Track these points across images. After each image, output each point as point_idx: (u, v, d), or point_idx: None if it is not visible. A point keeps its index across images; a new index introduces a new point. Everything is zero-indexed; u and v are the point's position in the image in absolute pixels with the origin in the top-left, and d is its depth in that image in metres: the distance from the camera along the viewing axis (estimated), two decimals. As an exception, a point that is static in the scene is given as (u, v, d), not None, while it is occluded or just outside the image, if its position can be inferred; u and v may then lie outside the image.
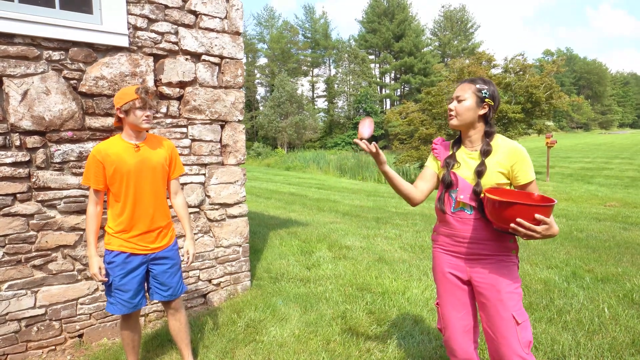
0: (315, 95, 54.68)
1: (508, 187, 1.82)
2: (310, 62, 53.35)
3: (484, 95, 1.82)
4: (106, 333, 3.11)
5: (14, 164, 2.66)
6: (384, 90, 53.21)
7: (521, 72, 19.44)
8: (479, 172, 1.79)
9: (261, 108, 45.76)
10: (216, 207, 3.59)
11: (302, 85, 50.78)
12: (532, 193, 1.73)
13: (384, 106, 52.48)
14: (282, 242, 5.41)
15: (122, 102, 2.24)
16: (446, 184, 1.89)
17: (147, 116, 2.28)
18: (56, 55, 2.76)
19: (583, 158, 26.42)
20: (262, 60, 51.03)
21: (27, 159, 2.70)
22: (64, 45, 2.79)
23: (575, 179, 18.92)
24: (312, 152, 35.39)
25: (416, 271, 4.18)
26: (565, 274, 3.97)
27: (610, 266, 4.21)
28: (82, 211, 2.92)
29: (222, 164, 3.59)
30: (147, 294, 2.51)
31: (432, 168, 2.02)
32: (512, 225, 1.57)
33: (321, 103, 54.03)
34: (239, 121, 3.66)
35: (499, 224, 1.65)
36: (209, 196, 3.53)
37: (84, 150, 2.91)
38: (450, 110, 1.87)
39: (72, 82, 2.84)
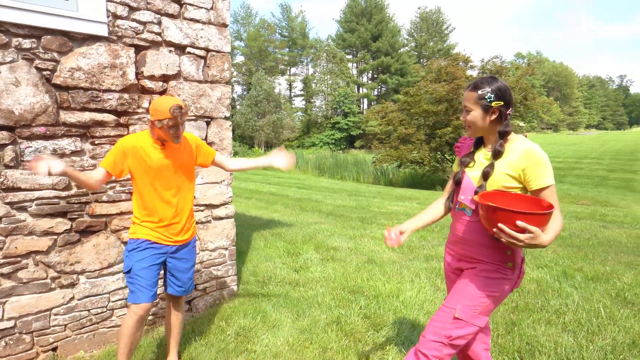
0: (292, 94, 54.43)
1: (519, 192, 1.69)
2: (288, 61, 53.04)
3: (488, 100, 1.70)
4: (83, 345, 2.88)
5: (-21, 163, 2.42)
6: (361, 89, 53.42)
7: (497, 74, 19.76)
8: (485, 174, 1.71)
9: (238, 107, 45.15)
10: (201, 208, 3.39)
11: (280, 84, 50.48)
12: (541, 200, 1.61)
13: (362, 106, 52.70)
14: (267, 244, 5.24)
15: (155, 117, 2.25)
16: (455, 181, 1.85)
17: (177, 133, 2.29)
18: (27, 44, 2.52)
19: (555, 158, 27.14)
20: (239, 59, 50.41)
21: (-6, 156, 2.45)
22: (36, 32, 2.55)
23: (549, 178, 19.35)
24: (289, 151, 35.08)
25: (407, 272, 4.09)
26: (556, 273, 3.95)
27: (598, 265, 4.22)
28: (55, 214, 2.69)
29: (207, 162, 3.40)
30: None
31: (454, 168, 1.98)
32: (494, 229, 1.51)
33: (299, 102, 53.82)
34: (226, 118, 3.48)
35: (487, 228, 1.59)
36: (194, 197, 3.33)
37: (58, 147, 2.68)
38: (464, 121, 1.80)
39: (45, 73, 2.60)
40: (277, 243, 5.26)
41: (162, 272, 2.50)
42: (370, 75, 54.53)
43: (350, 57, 53.27)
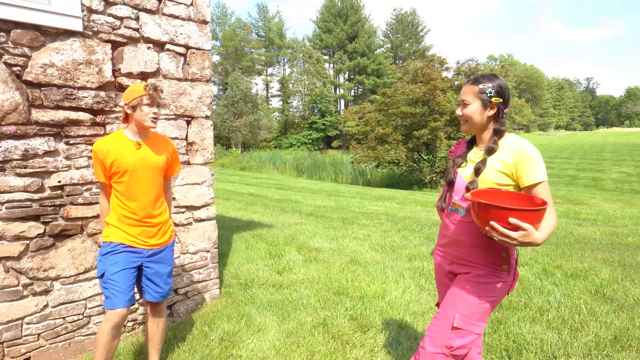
0: (269, 94, 54.09)
1: (512, 189, 1.67)
2: (265, 61, 52.67)
3: (488, 95, 1.68)
4: (58, 355, 2.74)
5: (-56, 164, 2.26)
6: (338, 90, 53.54)
7: (472, 76, 20.15)
8: (477, 169, 1.68)
9: (214, 107, 44.55)
10: (182, 210, 3.29)
11: (256, 84, 50.03)
12: (534, 197, 1.59)
13: (339, 106, 52.83)
14: (248, 246, 5.15)
15: (130, 98, 2.23)
16: (448, 182, 1.83)
17: (154, 113, 2.27)
18: (-5, 38, 2.38)
19: (527, 158, 27.82)
20: (215, 58, 49.73)
21: (-41, 157, 2.30)
22: (5, 25, 2.41)
23: (522, 178, 19.84)
24: (267, 152, 34.94)
25: (391, 273, 4.08)
26: (536, 271, 4.01)
27: (576, 261, 4.32)
28: (27, 217, 2.54)
29: (188, 163, 3.30)
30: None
31: None
32: (486, 228, 1.48)
33: (276, 103, 53.53)
34: (207, 117, 3.38)
35: (480, 227, 1.55)
36: (174, 198, 3.23)
37: (30, 147, 2.54)
38: (460, 115, 1.76)
39: (15, 69, 2.46)
40: (259, 245, 5.17)
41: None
42: (347, 76, 54.73)
43: (327, 57, 53.33)
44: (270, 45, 52.03)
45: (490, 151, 1.69)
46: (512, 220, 1.42)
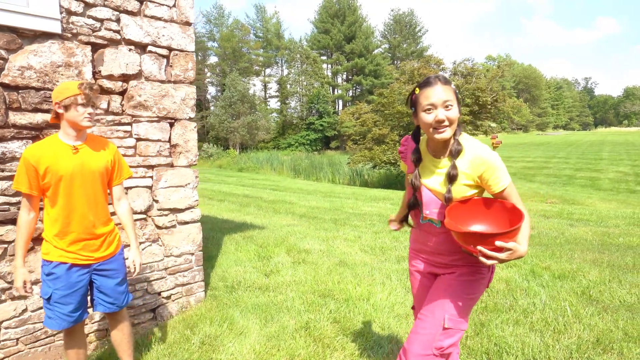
0: (267, 95, 54.03)
1: (477, 196, 1.68)
2: (262, 61, 52.60)
3: (458, 94, 1.65)
4: None
5: None
6: (336, 90, 53.54)
7: (469, 76, 20.14)
8: (451, 177, 1.61)
9: (212, 108, 44.52)
10: (165, 212, 3.27)
11: (254, 85, 49.99)
12: (504, 202, 1.61)
13: (337, 107, 52.82)
14: (238, 248, 5.13)
15: (62, 97, 2.06)
16: (410, 207, 1.79)
17: (89, 114, 2.11)
18: (-29, 40, 2.36)
19: (524, 157, 27.89)
20: (213, 59, 49.72)
21: None
22: (-19, 28, 2.39)
23: (519, 178, 19.89)
24: (265, 152, 34.90)
25: (379, 275, 4.07)
26: (524, 272, 4.00)
27: (565, 263, 4.31)
28: (5, 221, 2.52)
29: (171, 165, 3.28)
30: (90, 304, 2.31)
31: (402, 168, 1.96)
32: (470, 248, 1.50)
33: (274, 103, 53.46)
34: (190, 119, 3.36)
35: (462, 245, 1.57)
36: (157, 201, 3.21)
37: (7, 150, 2.52)
38: (442, 121, 1.57)
39: (-9, 71, 2.44)
40: (248, 246, 5.15)
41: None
42: (344, 76, 54.73)
43: (324, 58, 53.31)
44: (268, 46, 52.00)
45: (457, 153, 1.62)
46: (498, 243, 1.43)
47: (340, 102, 54.31)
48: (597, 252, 4.77)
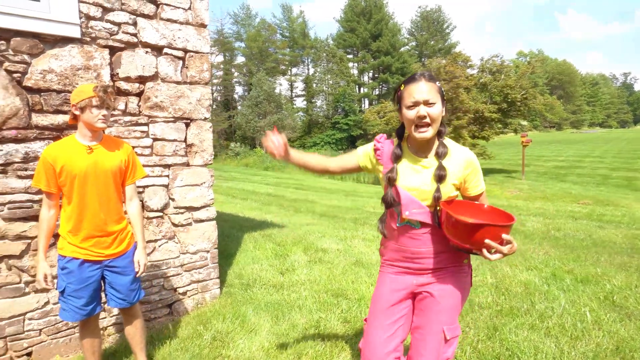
0: (293, 94, 54.34)
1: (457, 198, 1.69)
2: (289, 61, 52.95)
3: (443, 93, 1.63)
4: (59, 350, 2.84)
5: (-53, 167, 2.38)
6: (362, 89, 53.30)
7: (497, 73, 19.67)
8: (440, 177, 1.58)
9: (239, 107, 45.16)
10: (181, 210, 3.35)
11: (281, 84, 50.42)
12: (481, 204, 1.65)
13: (362, 105, 52.58)
14: (256, 246, 5.19)
15: (78, 99, 2.16)
16: (388, 204, 1.67)
17: (103, 115, 2.20)
18: (-4, 46, 2.49)
19: (556, 156, 27.00)
20: (240, 59, 50.40)
21: (-38, 160, 2.42)
22: (5, 34, 2.51)
23: (550, 177, 19.29)
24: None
25: (394, 275, 4.03)
26: (545, 275, 3.88)
27: (589, 266, 4.15)
28: (29, 217, 2.65)
29: (187, 164, 3.36)
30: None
31: (358, 161, 1.79)
32: (485, 243, 1.44)
33: (300, 102, 53.71)
34: (205, 119, 3.43)
35: (462, 244, 1.51)
36: (173, 199, 3.29)
37: (30, 150, 2.64)
38: (423, 117, 1.53)
39: (15, 75, 2.56)
40: (266, 244, 5.21)
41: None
42: (370, 74, 54.40)
43: (350, 56, 53.14)
44: (294, 45, 52.27)
45: (443, 155, 1.60)
46: (505, 236, 1.43)
47: (366, 101, 54.02)
48: (626, 256, 4.57)
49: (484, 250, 1.45)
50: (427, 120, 1.55)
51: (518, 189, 15.97)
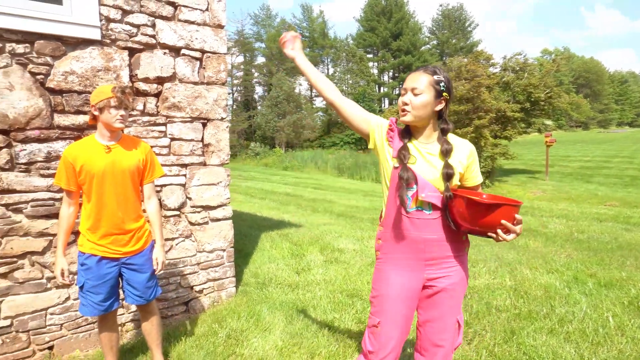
0: (313, 94, 54.41)
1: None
2: (309, 60, 52.99)
3: (442, 88, 1.63)
4: (79, 344, 2.91)
5: (-26, 165, 2.47)
6: (382, 88, 53.00)
7: (520, 71, 19.26)
8: (448, 175, 1.61)
9: (259, 107, 45.49)
10: (198, 209, 3.39)
11: (300, 84, 50.50)
12: (482, 193, 1.69)
13: (382, 105, 52.27)
14: (273, 245, 5.22)
15: (97, 100, 2.21)
16: (406, 180, 1.62)
17: (121, 116, 2.24)
18: (20, 49, 2.57)
19: (582, 157, 26.28)
20: (260, 60, 50.77)
21: (-12, 159, 2.51)
22: (29, 37, 2.59)
23: (575, 178, 18.79)
24: (310, 151, 35.19)
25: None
26: (566, 278, 3.78)
27: (614, 270, 4.03)
28: (51, 215, 2.72)
29: (204, 164, 3.40)
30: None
31: (370, 127, 1.76)
32: (501, 224, 1.48)
33: (319, 102, 53.70)
34: (222, 119, 3.47)
35: (475, 227, 1.53)
36: (190, 198, 3.34)
37: (52, 150, 2.72)
38: (405, 104, 1.63)
39: (38, 77, 2.64)
40: (283, 244, 5.23)
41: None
42: (390, 74, 54.02)
43: (370, 56, 52.88)
44: (314, 45, 52.35)
45: (447, 153, 1.65)
46: (518, 216, 1.48)
47: (386, 100, 53.67)
48: (653, 260, 4.41)
49: (499, 232, 1.47)
50: (408, 107, 1.62)
51: (541, 190, 15.63)
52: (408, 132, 1.71)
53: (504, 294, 3.43)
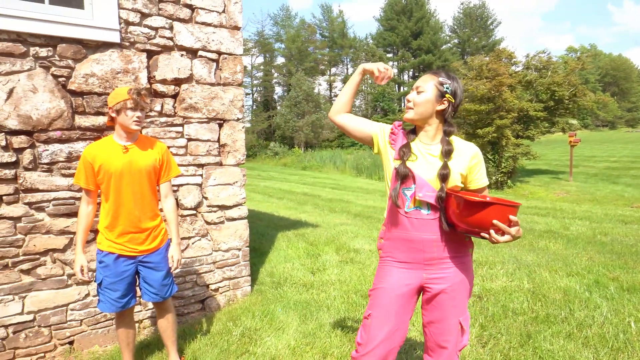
0: (332, 94, 54.40)
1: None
2: (328, 61, 53.06)
3: (445, 89, 1.69)
4: (98, 340, 2.99)
5: (0, 165, 2.57)
6: (401, 88, 52.60)
7: (544, 69, 18.82)
8: (443, 176, 1.64)
9: (278, 107, 45.73)
10: (214, 209, 3.44)
11: (320, 84, 50.63)
12: (486, 196, 1.68)
13: (402, 104, 51.84)
14: (289, 245, 5.25)
15: (114, 102, 2.26)
16: (402, 176, 1.67)
17: (138, 117, 2.29)
18: (43, 52, 2.66)
19: (609, 157, 25.51)
20: (280, 60, 51.05)
21: (13, 159, 2.60)
22: (52, 41, 2.68)
23: (600, 179, 18.26)
24: (329, 151, 35.16)
25: (426, 277, 3.96)
26: (587, 282, 3.69)
27: (638, 274, 3.90)
28: (71, 214, 2.81)
29: (220, 164, 3.45)
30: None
31: (372, 132, 1.85)
32: (493, 224, 1.47)
33: (338, 102, 53.60)
34: (238, 119, 3.51)
35: (468, 227, 1.53)
36: (206, 198, 3.39)
37: (73, 150, 2.80)
38: (409, 101, 1.75)
39: (60, 79, 2.73)
40: (299, 244, 5.25)
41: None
42: (410, 73, 53.58)
43: (390, 55, 52.55)
44: (333, 45, 52.32)
45: (447, 154, 1.68)
46: (512, 217, 1.47)
47: (406, 100, 53.24)
48: (681, 264, 4.26)
49: (492, 232, 1.48)
50: (411, 104, 1.73)
51: (565, 190, 15.25)
52: (413, 133, 1.79)
53: (521, 297, 3.36)
